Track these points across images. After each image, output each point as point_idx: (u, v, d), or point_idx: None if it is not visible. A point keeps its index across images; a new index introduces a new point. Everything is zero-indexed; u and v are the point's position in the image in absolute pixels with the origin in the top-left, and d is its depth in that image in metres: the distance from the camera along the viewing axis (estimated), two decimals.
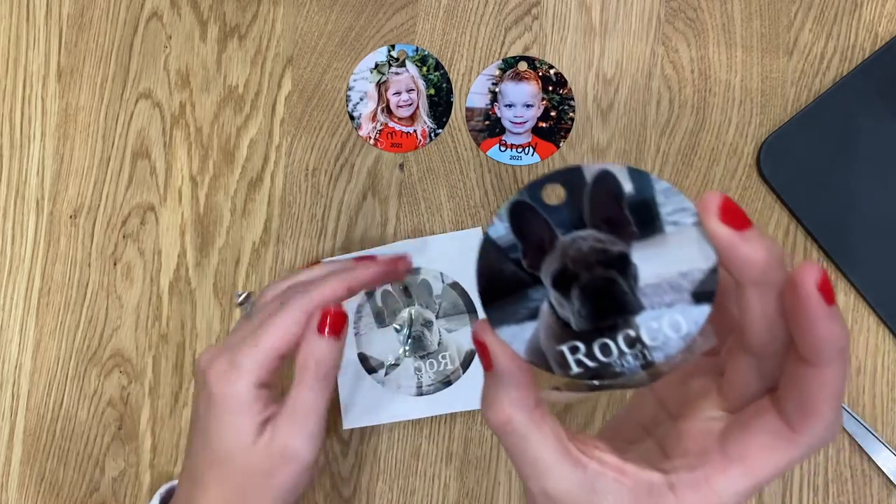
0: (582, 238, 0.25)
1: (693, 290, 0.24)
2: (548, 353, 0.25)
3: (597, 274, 0.25)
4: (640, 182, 0.24)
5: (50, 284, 0.52)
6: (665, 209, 0.24)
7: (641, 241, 0.24)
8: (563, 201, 0.25)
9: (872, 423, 0.49)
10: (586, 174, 0.24)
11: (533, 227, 0.25)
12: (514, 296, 0.25)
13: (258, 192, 0.52)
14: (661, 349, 0.24)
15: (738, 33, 0.52)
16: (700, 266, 0.24)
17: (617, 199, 0.24)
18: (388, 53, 0.53)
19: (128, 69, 0.53)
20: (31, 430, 0.52)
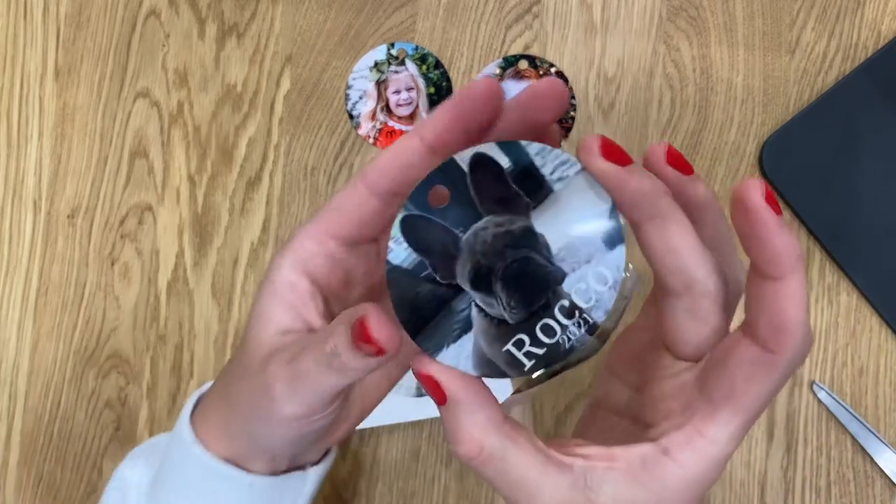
0: (482, 228, 0.24)
1: (603, 236, 0.24)
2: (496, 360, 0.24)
3: (510, 258, 0.24)
4: (514, 152, 0.24)
5: (47, 285, 0.52)
6: (547, 169, 0.24)
7: (538, 209, 0.24)
8: (450, 199, 0.24)
9: (875, 424, 0.49)
10: (461, 163, 0.24)
11: (431, 236, 0.24)
12: (440, 315, 0.24)
13: (257, 191, 0.52)
14: (597, 307, 0.24)
15: (740, 32, 0.52)
16: (599, 210, 0.24)
17: (499, 177, 0.24)
18: (388, 52, 0.53)
19: (125, 68, 0.53)
20: (29, 431, 0.51)
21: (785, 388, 0.50)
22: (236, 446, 0.31)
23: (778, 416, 0.50)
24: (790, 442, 0.50)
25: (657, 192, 0.23)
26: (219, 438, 0.32)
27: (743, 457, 0.50)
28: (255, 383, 0.28)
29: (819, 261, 0.50)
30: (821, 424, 0.50)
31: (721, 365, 0.24)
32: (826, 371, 0.50)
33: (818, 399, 0.50)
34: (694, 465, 0.24)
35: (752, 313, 0.24)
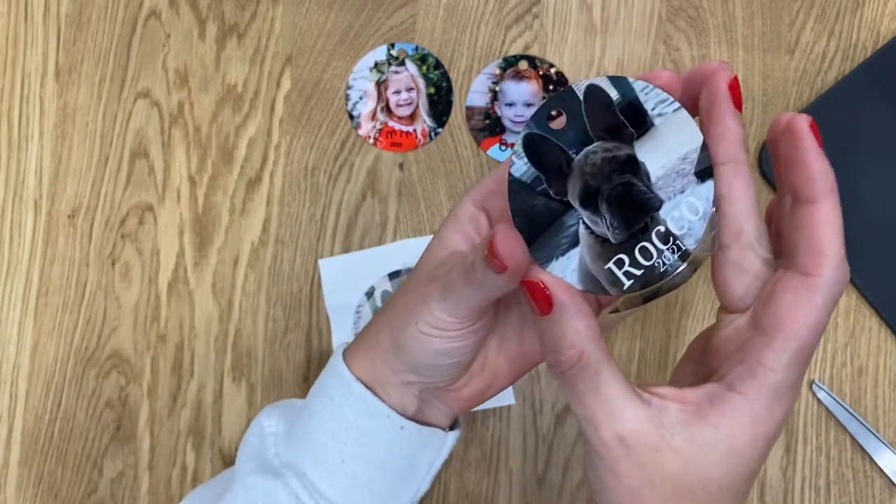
0: (592, 152, 0.26)
1: (695, 169, 0.26)
2: (599, 276, 0.26)
3: (615, 182, 0.26)
4: (622, 87, 0.26)
5: (48, 285, 0.52)
6: (649, 105, 0.26)
7: (640, 140, 0.26)
8: (566, 123, 0.26)
9: (874, 424, 0.49)
10: (577, 92, 0.26)
11: (548, 154, 0.27)
12: (551, 228, 0.27)
13: (257, 191, 0.52)
14: (689, 235, 0.26)
15: (740, 32, 0.52)
16: (692, 146, 0.26)
17: (608, 108, 0.26)
18: (388, 52, 0.53)
19: (126, 68, 0.53)
20: (30, 431, 0.51)
21: None
22: (379, 365, 0.33)
23: None
24: (789, 442, 0.50)
25: (741, 139, 0.26)
26: (363, 361, 0.34)
27: None
28: (418, 293, 0.31)
29: None
30: (820, 424, 0.50)
31: (768, 299, 0.26)
32: (825, 371, 0.50)
33: (817, 399, 0.50)
34: (757, 394, 0.25)
35: (790, 243, 0.26)
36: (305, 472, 0.34)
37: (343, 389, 0.34)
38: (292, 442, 0.35)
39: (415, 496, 0.35)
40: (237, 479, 0.35)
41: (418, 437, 0.34)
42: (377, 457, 0.34)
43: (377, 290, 0.51)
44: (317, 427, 0.34)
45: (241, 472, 0.35)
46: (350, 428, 0.33)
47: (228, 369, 0.51)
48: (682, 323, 0.51)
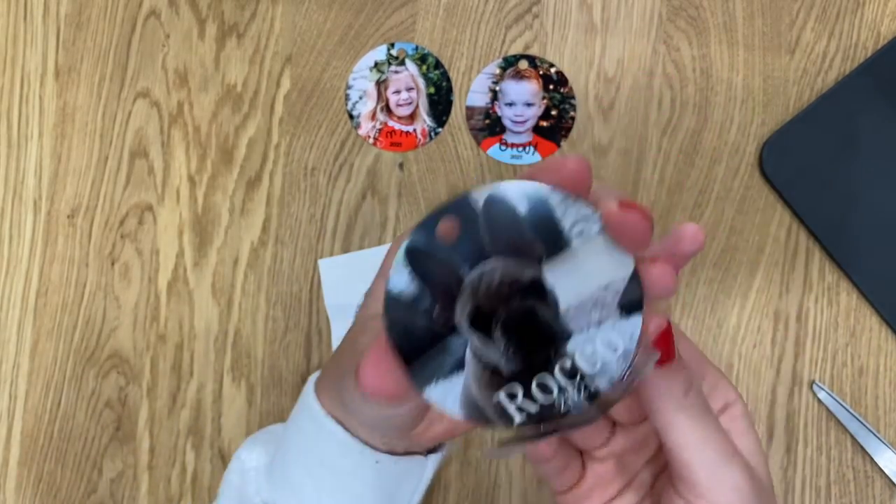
0: (488, 271, 0.23)
1: (619, 301, 0.22)
2: (485, 406, 0.23)
3: (514, 306, 0.23)
4: (535, 197, 0.22)
5: (47, 285, 0.52)
6: (567, 221, 0.22)
7: (551, 261, 0.22)
8: (460, 235, 0.23)
9: (875, 424, 0.49)
10: (476, 200, 0.22)
11: (434, 270, 0.23)
12: (433, 349, 0.23)
13: (257, 191, 0.52)
14: (602, 374, 0.22)
15: (740, 32, 0.52)
16: (619, 275, 0.22)
17: (514, 221, 0.22)
18: (388, 52, 0.53)
19: (125, 68, 0.53)
20: (29, 431, 0.51)
21: (785, 389, 0.50)
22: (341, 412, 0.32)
23: (778, 415, 0.50)
24: (790, 442, 0.50)
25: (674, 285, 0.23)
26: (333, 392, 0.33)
27: None
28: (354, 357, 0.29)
29: (819, 261, 0.50)
30: (821, 424, 0.50)
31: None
32: (826, 371, 0.50)
33: (818, 399, 0.50)
34: None
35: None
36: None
37: (314, 424, 0.33)
38: (272, 478, 0.35)
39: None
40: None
41: (396, 469, 0.33)
42: (355, 491, 0.33)
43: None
44: (293, 463, 0.34)
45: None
46: (325, 464, 0.33)
47: (228, 369, 0.51)
48: (682, 323, 0.51)
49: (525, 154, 0.51)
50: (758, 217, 0.51)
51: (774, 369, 0.50)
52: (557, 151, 0.51)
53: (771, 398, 0.50)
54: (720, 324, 0.50)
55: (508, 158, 0.52)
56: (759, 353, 0.50)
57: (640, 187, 0.51)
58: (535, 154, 0.51)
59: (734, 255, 0.51)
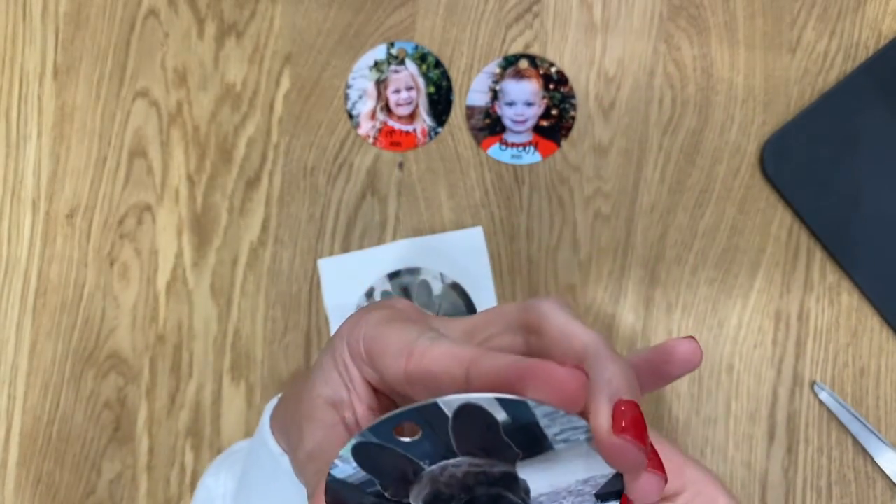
0: (454, 465, 0.20)
1: (596, 492, 0.20)
2: None
3: (479, 493, 0.20)
4: (517, 410, 0.20)
5: (46, 285, 0.52)
6: (552, 430, 0.20)
7: (527, 461, 0.20)
8: (421, 436, 0.20)
9: (876, 424, 0.49)
10: (445, 409, 0.20)
11: (388, 463, 0.21)
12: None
13: (256, 191, 0.52)
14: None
15: (741, 31, 0.52)
16: (601, 472, 0.20)
17: (489, 429, 0.20)
18: (388, 51, 0.52)
19: (124, 67, 0.53)
20: (28, 431, 0.51)
21: (786, 389, 0.50)
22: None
23: (779, 416, 0.50)
24: (791, 442, 0.49)
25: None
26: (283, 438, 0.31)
27: (744, 457, 0.50)
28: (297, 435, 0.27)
29: (820, 261, 0.50)
30: (822, 425, 0.49)
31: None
32: (827, 371, 0.50)
33: (819, 399, 0.49)
34: None
35: None
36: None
37: (271, 462, 0.31)
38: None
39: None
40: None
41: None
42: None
43: (377, 291, 0.51)
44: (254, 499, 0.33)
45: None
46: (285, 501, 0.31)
47: (227, 370, 0.51)
48: (683, 323, 0.50)
49: (525, 154, 0.51)
50: (759, 217, 0.51)
51: (775, 370, 0.50)
52: (557, 151, 0.51)
53: (772, 399, 0.50)
54: (721, 324, 0.50)
55: (509, 158, 0.51)
56: (760, 353, 0.50)
57: (641, 187, 0.51)
58: (536, 153, 0.51)
59: (735, 255, 0.50)
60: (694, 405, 0.50)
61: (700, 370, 0.50)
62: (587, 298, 0.51)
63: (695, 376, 0.50)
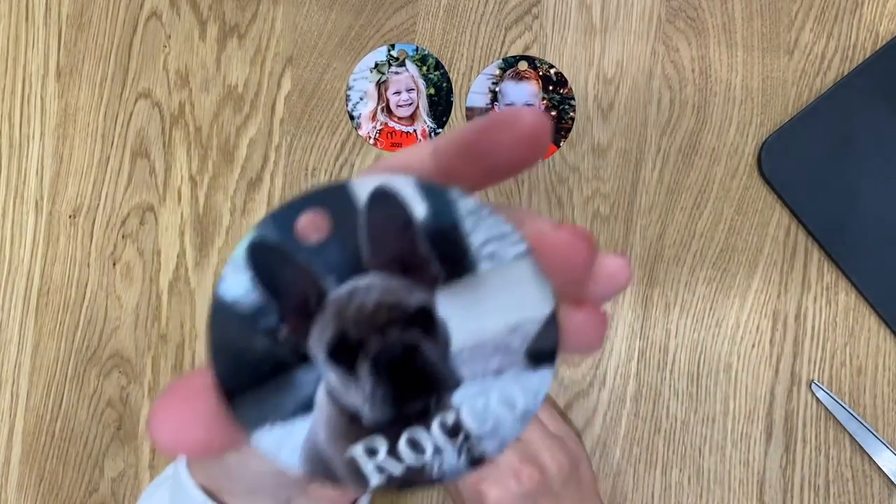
0: (363, 289, 0.17)
1: (528, 348, 0.18)
2: (333, 461, 0.18)
3: (391, 338, 0.18)
4: (437, 201, 0.17)
5: (49, 285, 0.52)
6: (476, 237, 0.17)
7: (448, 286, 0.17)
8: (330, 236, 0.17)
9: (873, 423, 0.49)
10: (357, 193, 0.17)
11: (287, 277, 0.17)
12: (273, 382, 0.17)
13: (258, 192, 0.52)
14: (492, 436, 0.18)
15: (739, 33, 0.52)
16: (532, 315, 0.17)
17: (406, 228, 0.17)
18: (388, 53, 0.53)
19: (127, 69, 0.53)
20: (31, 430, 0.52)
21: (783, 388, 0.50)
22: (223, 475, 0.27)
23: (776, 415, 0.50)
24: (789, 441, 0.50)
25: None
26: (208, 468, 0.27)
27: (741, 456, 0.50)
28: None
29: (817, 260, 0.51)
30: (819, 424, 0.50)
31: None
32: (824, 370, 0.50)
33: (817, 398, 0.50)
34: None
35: None
36: None
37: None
38: None
39: None
40: None
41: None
42: None
43: None
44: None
45: None
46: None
47: None
48: (681, 322, 0.51)
49: None
50: (756, 217, 0.51)
51: (773, 369, 0.50)
52: (556, 152, 0.52)
53: (770, 398, 0.50)
54: (719, 323, 0.51)
55: None
56: (758, 352, 0.50)
57: (640, 188, 0.51)
58: None
59: (733, 255, 0.51)
60: (692, 404, 0.50)
61: (698, 369, 0.50)
62: None
63: (693, 375, 0.50)
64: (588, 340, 0.18)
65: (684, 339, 0.51)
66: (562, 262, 0.17)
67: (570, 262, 0.17)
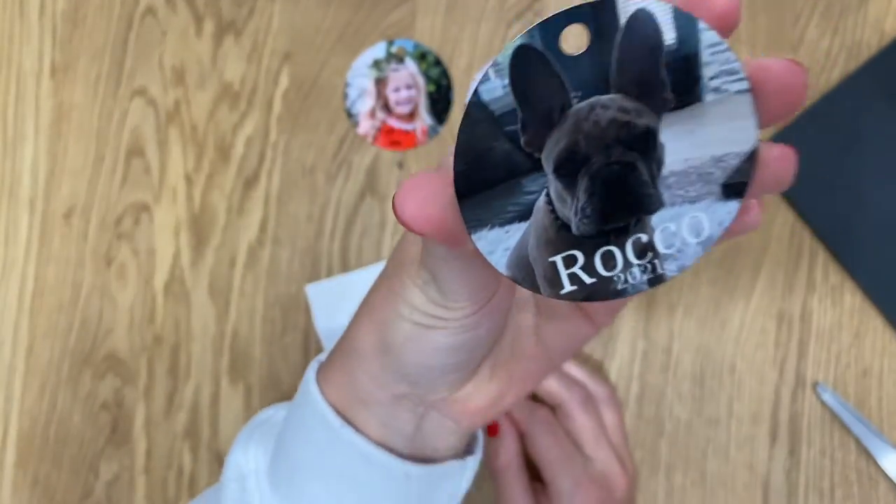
0: (602, 106, 0.19)
1: (724, 180, 0.19)
2: (536, 266, 0.20)
3: (614, 158, 0.19)
4: (686, 30, 0.18)
5: (43, 285, 0.51)
6: (709, 70, 0.19)
7: (674, 113, 0.19)
8: (586, 50, 0.19)
9: (879, 425, 0.49)
10: (619, 13, 0.18)
11: (540, 85, 0.19)
12: (502, 186, 0.19)
13: (254, 190, 0.51)
14: (675, 259, 0.20)
15: (744, 29, 0.51)
16: (737, 149, 0.19)
17: (654, 53, 0.19)
18: (387, 49, 0.52)
19: (122, 66, 0.52)
20: (25, 433, 0.51)
21: (788, 390, 0.49)
22: (360, 377, 0.27)
23: (781, 417, 0.49)
24: (794, 444, 0.49)
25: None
26: (340, 377, 0.28)
27: (746, 459, 0.49)
28: (405, 272, 0.24)
29: (823, 261, 0.50)
30: (824, 426, 0.49)
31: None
32: (830, 372, 0.49)
33: (822, 401, 0.49)
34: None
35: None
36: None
37: (327, 433, 0.28)
38: (278, 488, 0.30)
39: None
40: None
41: (429, 480, 0.29)
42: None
43: None
44: (304, 477, 0.29)
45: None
46: (344, 477, 0.28)
47: (225, 371, 0.51)
48: (684, 324, 0.50)
49: None
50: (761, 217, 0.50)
51: (778, 370, 0.50)
52: None
53: (774, 399, 0.49)
54: (723, 325, 0.50)
55: None
56: (763, 354, 0.50)
57: None
58: None
59: (737, 256, 0.50)
60: (696, 406, 0.50)
61: (702, 371, 0.50)
62: None
63: (697, 377, 0.50)
64: (779, 174, 0.20)
65: (688, 341, 0.50)
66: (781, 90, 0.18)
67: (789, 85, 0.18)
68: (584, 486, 0.41)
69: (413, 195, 0.19)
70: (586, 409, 0.43)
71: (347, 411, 0.28)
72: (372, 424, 0.28)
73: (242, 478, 0.32)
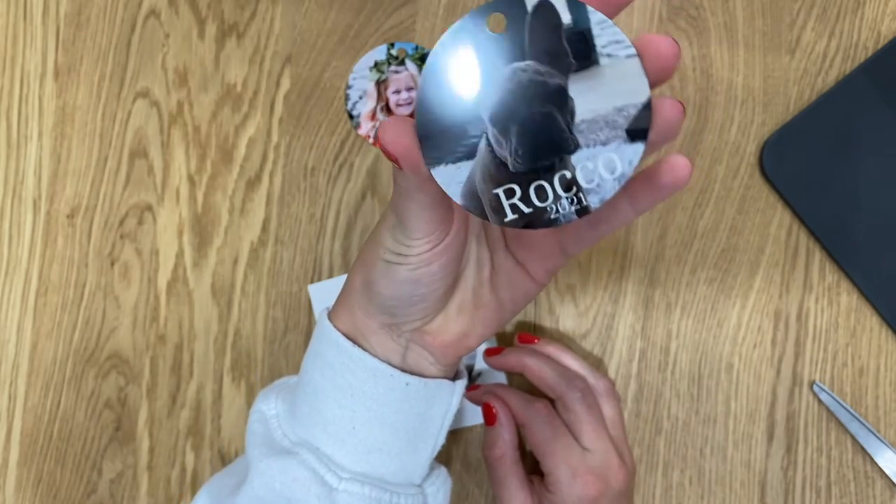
0: (522, 70, 0.24)
1: (628, 126, 0.24)
2: (483, 197, 0.25)
3: (535, 109, 0.24)
4: (578, 13, 0.24)
5: (47, 285, 0.52)
6: (600, 41, 0.24)
7: (578, 74, 0.24)
8: (504, 30, 0.24)
9: (875, 424, 0.49)
10: (527, 2, 0.24)
11: (473, 55, 0.25)
12: (452, 130, 0.25)
13: (256, 191, 0.52)
14: (595, 192, 0.24)
15: (741, 32, 0.52)
16: (634, 100, 0.24)
17: (556, 29, 0.24)
18: (388, 52, 0.52)
19: (125, 68, 0.53)
20: (29, 431, 0.51)
21: (785, 389, 0.50)
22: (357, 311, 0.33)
23: (778, 416, 0.50)
24: (790, 442, 0.50)
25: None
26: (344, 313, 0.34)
27: (743, 457, 0.50)
28: (383, 222, 0.32)
29: (819, 261, 0.50)
30: (821, 425, 0.50)
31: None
32: (826, 371, 0.50)
33: (818, 399, 0.50)
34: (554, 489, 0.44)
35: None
36: (318, 445, 0.34)
37: (342, 356, 0.33)
38: (298, 418, 0.35)
39: (433, 451, 0.35)
40: (251, 468, 0.34)
41: (425, 392, 0.34)
42: (388, 418, 0.33)
43: None
44: (321, 399, 0.34)
45: (253, 460, 0.35)
46: (355, 394, 0.33)
47: (228, 370, 0.51)
48: (682, 323, 0.50)
49: None
50: (758, 217, 0.51)
51: (775, 369, 0.50)
52: None
53: (771, 398, 0.50)
54: (720, 324, 0.50)
55: None
56: (760, 353, 0.50)
57: None
58: None
59: (734, 255, 0.51)
60: (693, 405, 0.50)
61: (699, 370, 0.50)
62: (587, 298, 0.51)
63: (694, 376, 0.50)
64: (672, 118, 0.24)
65: (685, 340, 0.50)
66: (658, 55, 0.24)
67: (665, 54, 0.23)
68: (582, 478, 0.41)
69: (391, 129, 0.27)
70: (585, 402, 0.43)
71: (353, 340, 0.34)
72: (371, 348, 0.34)
73: (265, 420, 0.36)
